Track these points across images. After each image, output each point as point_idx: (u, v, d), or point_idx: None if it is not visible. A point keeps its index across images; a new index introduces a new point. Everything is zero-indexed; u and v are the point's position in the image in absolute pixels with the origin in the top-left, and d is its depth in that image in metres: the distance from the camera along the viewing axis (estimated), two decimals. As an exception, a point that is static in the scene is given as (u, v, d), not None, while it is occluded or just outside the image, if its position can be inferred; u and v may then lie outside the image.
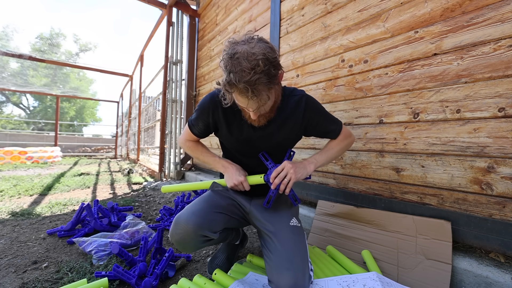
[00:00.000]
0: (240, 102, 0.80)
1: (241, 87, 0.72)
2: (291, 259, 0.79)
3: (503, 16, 0.90)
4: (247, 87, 0.71)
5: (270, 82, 0.75)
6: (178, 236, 0.86)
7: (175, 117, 3.62)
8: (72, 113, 20.86)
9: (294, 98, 0.97)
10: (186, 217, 0.86)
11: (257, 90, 0.73)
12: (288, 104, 0.96)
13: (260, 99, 0.76)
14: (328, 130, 1.02)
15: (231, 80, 0.73)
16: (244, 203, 1.03)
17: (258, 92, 0.74)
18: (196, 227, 0.85)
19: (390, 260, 1.03)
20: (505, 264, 0.87)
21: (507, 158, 0.89)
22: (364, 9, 1.36)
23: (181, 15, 3.64)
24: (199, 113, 1.00)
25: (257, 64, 0.71)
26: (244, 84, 0.71)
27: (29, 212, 1.90)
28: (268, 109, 0.86)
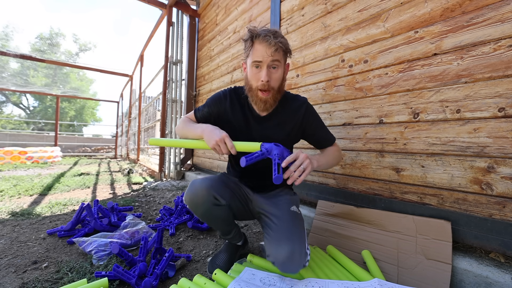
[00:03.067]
0: (257, 51, 0.89)
1: (264, 32, 0.88)
2: (289, 235, 0.82)
3: (503, 16, 0.90)
4: (269, 34, 0.87)
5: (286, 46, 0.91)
6: (192, 195, 0.93)
7: (175, 117, 3.62)
8: (72, 113, 20.87)
9: (297, 102, 1.05)
10: (201, 180, 0.96)
11: (277, 37, 0.88)
12: (291, 106, 1.04)
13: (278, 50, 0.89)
14: (324, 139, 1.08)
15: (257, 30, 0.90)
16: (248, 190, 1.10)
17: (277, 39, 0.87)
18: (209, 187, 0.92)
19: (390, 260, 1.04)
20: (505, 264, 0.87)
21: (507, 158, 0.89)
22: (364, 9, 1.36)
23: (181, 15, 3.64)
24: (209, 101, 1.08)
25: (279, 30, 0.92)
26: (268, 31, 0.88)
27: (29, 212, 1.90)
28: (276, 82, 0.93)
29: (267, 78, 0.89)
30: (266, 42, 0.87)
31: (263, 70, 0.90)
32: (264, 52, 0.88)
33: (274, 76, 0.92)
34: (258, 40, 0.89)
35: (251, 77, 0.94)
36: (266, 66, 0.89)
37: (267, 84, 0.90)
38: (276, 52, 0.89)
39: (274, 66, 0.91)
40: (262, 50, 0.88)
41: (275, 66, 0.91)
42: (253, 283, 0.85)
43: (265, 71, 0.89)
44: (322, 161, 0.97)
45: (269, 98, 0.93)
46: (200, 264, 1.20)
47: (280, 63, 0.92)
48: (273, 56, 0.88)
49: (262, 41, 0.88)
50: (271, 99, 0.94)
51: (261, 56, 0.89)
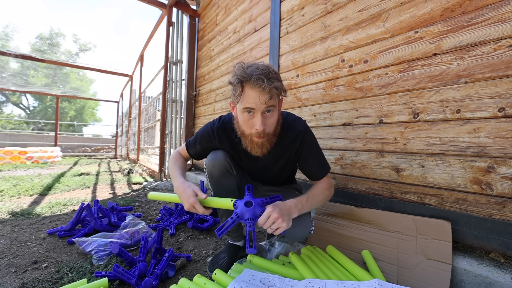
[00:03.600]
0: (249, 97, 0.79)
1: (257, 75, 0.77)
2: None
3: (503, 16, 0.90)
4: (262, 77, 0.77)
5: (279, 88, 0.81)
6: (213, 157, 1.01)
7: (175, 117, 3.62)
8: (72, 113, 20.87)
9: (293, 132, 0.98)
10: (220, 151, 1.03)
11: (272, 81, 0.78)
12: (286, 138, 0.98)
13: (272, 95, 0.80)
14: (312, 172, 1.03)
15: (246, 71, 0.79)
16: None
17: (273, 84, 0.78)
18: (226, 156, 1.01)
19: (390, 260, 1.03)
20: (505, 264, 0.87)
21: (507, 158, 0.89)
22: (364, 9, 1.36)
23: (181, 15, 3.64)
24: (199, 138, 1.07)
25: (269, 69, 0.81)
26: (260, 73, 0.77)
27: (29, 212, 1.90)
28: (272, 126, 0.87)
29: (262, 126, 0.82)
30: (259, 88, 0.77)
31: (256, 117, 0.81)
32: (257, 99, 0.78)
33: (269, 121, 0.84)
34: (249, 84, 0.78)
35: (243, 123, 0.86)
36: (260, 113, 0.81)
37: (263, 132, 0.83)
38: (270, 99, 0.80)
39: (269, 110, 0.82)
40: (255, 97, 0.78)
41: (270, 110, 0.82)
42: (253, 284, 0.85)
43: (260, 119, 0.81)
44: (306, 208, 0.91)
45: (265, 142, 0.88)
46: (200, 264, 1.20)
47: (275, 107, 0.83)
48: (267, 104, 0.80)
49: (254, 86, 0.77)
50: (267, 142, 0.88)
51: (254, 103, 0.79)
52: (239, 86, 0.80)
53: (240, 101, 0.82)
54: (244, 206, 0.84)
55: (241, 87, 0.80)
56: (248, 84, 0.78)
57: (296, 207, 0.86)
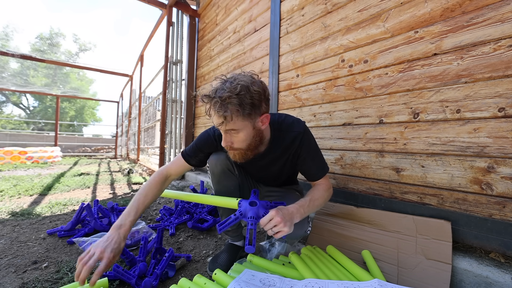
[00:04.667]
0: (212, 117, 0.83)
1: (217, 97, 0.78)
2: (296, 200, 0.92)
3: (503, 16, 0.90)
4: (218, 101, 0.78)
5: (242, 108, 0.79)
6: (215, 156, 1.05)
7: (175, 117, 3.62)
8: (72, 113, 20.87)
9: (292, 134, 0.97)
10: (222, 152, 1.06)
11: (226, 107, 0.77)
12: (284, 140, 0.98)
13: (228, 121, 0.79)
14: (310, 173, 1.03)
15: (212, 92, 0.81)
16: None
17: (226, 110, 0.77)
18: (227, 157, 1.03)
19: (390, 260, 1.04)
20: (505, 264, 0.87)
21: (507, 158, 0.89)
22: (364, 9, 1.36)
23: (181, 15, 3.64)
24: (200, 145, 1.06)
25: (235, 87, 0.78)
26: (219, 96, 0.78)
27: (29, 212, 1.90)
28: (242, 143, 0.87)
29: (225, 143, 0.86)
30: (215, 112, 0.79)
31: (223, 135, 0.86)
32: (216, 122, 0.82)
33: (236, 139, 0.86)
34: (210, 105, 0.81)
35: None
36: (224, 132, 0.85)
37: (230, 147, 0.88)
38: (225, 124, 0.80)
39: (231, 132, 0.84)
40: (214, 119, 0.82)
41: (233, 132, 0.84)
42: (253, 284, 0.85)
43: (224, 136, 0.85)
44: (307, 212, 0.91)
45: (237, 153, 0.90)
46: (200, 264, 1.20)
47: (237, 130, 0.83)
48: (225, 126, 0.81)
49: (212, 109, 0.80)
50: (239, 154, 0.90)
51: (216, 124, 0.84)
52: (207, 105, 0.83)
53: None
54: (249, 205, 0.87)
55: (208, 106, 0.83)
56: (209, 105, 0.82)
57: (298, 212, 0.86)
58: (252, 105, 0.80)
